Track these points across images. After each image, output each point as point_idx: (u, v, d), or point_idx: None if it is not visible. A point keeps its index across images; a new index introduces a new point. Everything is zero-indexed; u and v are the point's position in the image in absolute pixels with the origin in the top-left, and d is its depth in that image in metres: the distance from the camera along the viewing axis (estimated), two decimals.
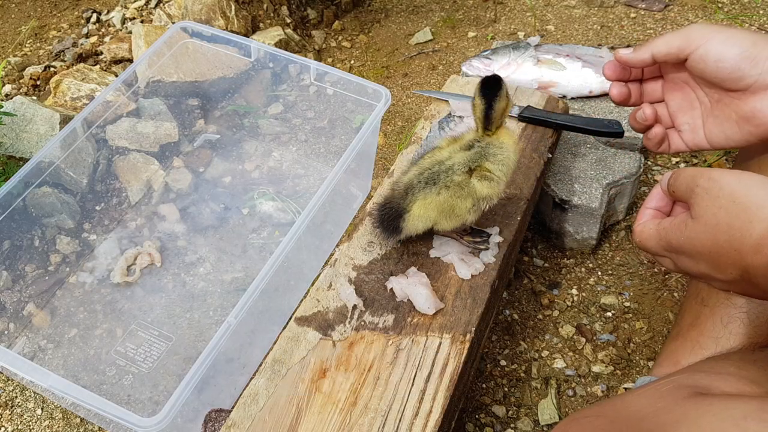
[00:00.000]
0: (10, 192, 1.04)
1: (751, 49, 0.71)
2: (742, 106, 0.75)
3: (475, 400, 1.06)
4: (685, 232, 0.63)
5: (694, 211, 0.62)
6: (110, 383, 1.05)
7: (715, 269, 0.61)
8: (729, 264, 0.59)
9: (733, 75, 0.73)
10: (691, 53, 0.75)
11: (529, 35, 1.74)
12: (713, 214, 0.60)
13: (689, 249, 0.62)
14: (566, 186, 1.21)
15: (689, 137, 0.83)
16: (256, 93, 1.45)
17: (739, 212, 0.58)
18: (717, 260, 0.60)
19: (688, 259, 0.63)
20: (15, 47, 1.80)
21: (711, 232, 0.60)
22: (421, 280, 0.90)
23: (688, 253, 0.63)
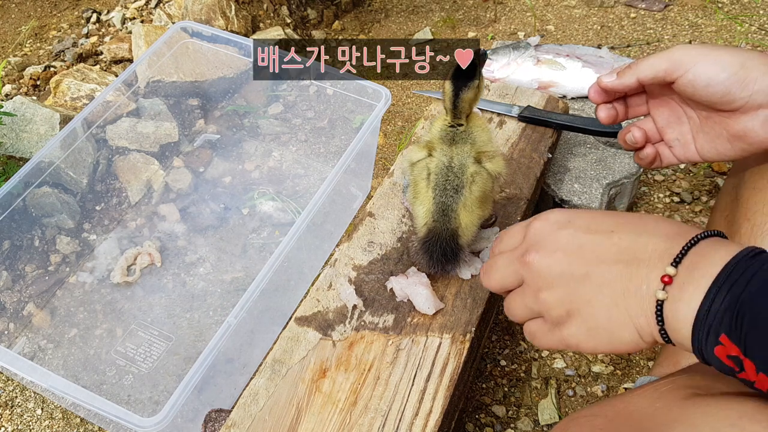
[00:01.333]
0: (10, 192, 1.04)
1: (740, 71, 0.69)
2: (733, 125, 0.73)
3: (475, 400, 1.06)
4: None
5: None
6: (110, 383, 1.05)
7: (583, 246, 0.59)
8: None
9: (724, 98, 0.71)
10: (679, 77, 0.73)
11: (529, 35, 1.74)
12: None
13: (549, 242, 0.61)
14: (566, 186, 1.21)
15: (680, 152, 0.82)
16: (256, 93, 1.45)
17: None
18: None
19: (546, 250, 0.61)
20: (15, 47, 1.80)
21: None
22: (421, 280, 0.90)
23: (546, 245, 0.61)
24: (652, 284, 0.54)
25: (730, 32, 1.67)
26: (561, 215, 0.62)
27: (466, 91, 0.85)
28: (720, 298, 0.49)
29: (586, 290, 0.58)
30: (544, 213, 0.63)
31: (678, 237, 0.55)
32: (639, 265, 0.55)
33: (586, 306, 0.58)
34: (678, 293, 0.52)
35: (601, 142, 1.29)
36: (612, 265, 0.56)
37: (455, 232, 0.86)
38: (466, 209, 0.86)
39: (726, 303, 0.49)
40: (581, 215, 0.61)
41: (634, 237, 0.56)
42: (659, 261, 0.54)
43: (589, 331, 0.58)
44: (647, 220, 0.58)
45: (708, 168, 1.39)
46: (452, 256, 0.87)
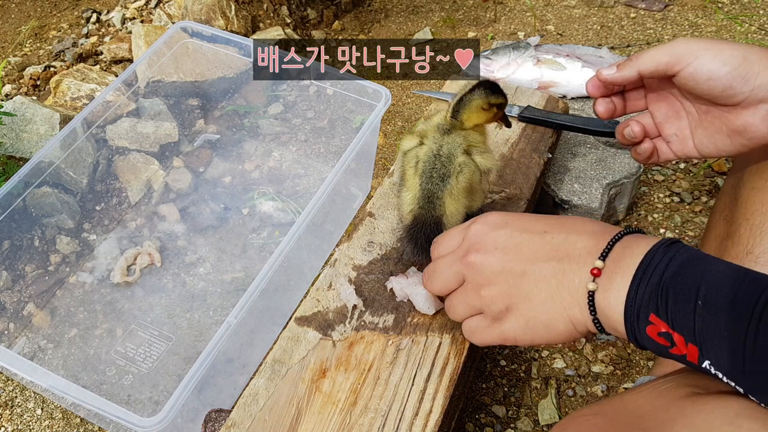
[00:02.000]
0: (10, 192, 1.04)
1: (742, 66, 0.69)
2: (733, 120, 0.73)
3: (475, 400, 1.06)
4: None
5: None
6: (110, 383, 1.05)
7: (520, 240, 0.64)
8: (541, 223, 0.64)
9: (725, 93, 0.71)
10: (680, 71, 0.73)
11: (529, 35, 1.74)
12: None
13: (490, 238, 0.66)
14: (566, 186, 1.21)
15: (678, 147, 0.81)
16: (256, 93, 1.45)
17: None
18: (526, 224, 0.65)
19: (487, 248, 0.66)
20: (15, 47, 1.80)
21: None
22: (421, 280, 0.90)
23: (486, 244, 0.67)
24: (583, 277, 0.59)
25: (730, 32, 1.67)
26: (498, 217, 0.67)
27: (473, 98, 0.86)
28: (645, 282, 0.54)
29: (524, 286, 0.63)
30: (482, 216, 0.68)
31: (604, 234, 0.60)
32: (570, 261, 0.60)
33: (524, 300, 0.63)
34: (607, 283, 0.58)
35: (601, 142, 1.29)
36: (547, 261, 0.62)
37: (440, 219, 0.86)
38: (452, 197, 0.86)
39: (651, 286, 0.54)
40: (517, 217, 0.66)
41: (565, 236, 0.62)
42: (588, 256, 0.59)
43: (527, 323, 0.63)
44: (575, 221, 0.63)
45: (708, 168, 1.39)
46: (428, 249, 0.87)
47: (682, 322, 0.52)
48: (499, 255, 0.64)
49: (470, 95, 0.87)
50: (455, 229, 0.72)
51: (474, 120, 0.88)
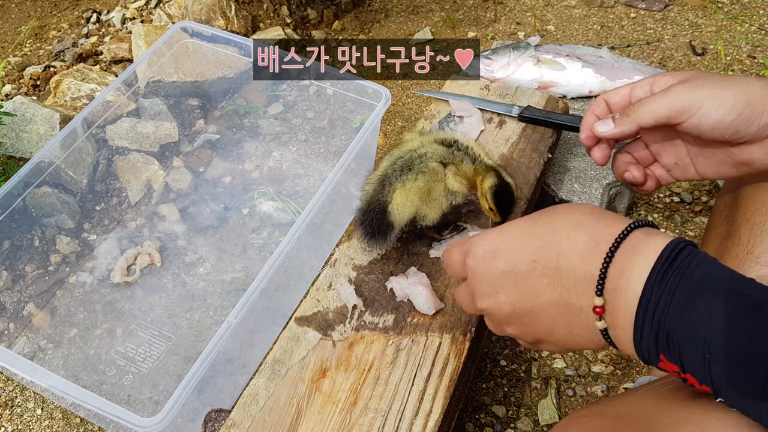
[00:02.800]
0: (10, 192, 1.04)
1: (747, 110, 0.67)
2: (738, 153, 0.71)
3: (475, 400, 1.06)
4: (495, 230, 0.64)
5: None
6: (110, 383, 1.05)
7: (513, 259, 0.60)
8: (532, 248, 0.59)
9: (731, 137, 0.69)
10: (683, 122, 0.70)
11: (529, 35, 1.74)
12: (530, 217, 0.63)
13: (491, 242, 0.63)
14: (566, 186, 1.21)
15: (679, 174, 0.79)
16: (256, 93, 1.45)
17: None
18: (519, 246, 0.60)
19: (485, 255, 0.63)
20: (15, 47, 1.80)
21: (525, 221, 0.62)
22: (421, 280, 0.90)
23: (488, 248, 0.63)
24: (589, 316, 0.56)
25: (730, 32, 1.67)
26: (485, 247, 0.63)
27: (484, 181, 0.89)
28: (648, 324, 0.51)
29: (540, 324, 0.61)
30: (472, 247, 0.64)
31: (591, 255, 0.55)
32: (570, 297, 0.57)
33: (549, 335, 0.62)
34: (612, 320, 0.55)
35: None
36: (548, 298, 0.59)
37: (386, 206, 0.87)
38: (403, 189, 0.87)
39: (654, 328, 0.51)
40: (503, 240, 0.62)
41: (555, 263, 0.58)
42: (584, 288, 0.56)
43: (562, 348, 0.63)
44: (560, 238, 0.58)
45: None
46: (379, 231, 0.88)
47: (692, 368, 0.50)
48: (502, 298, 0.62)
49: (485, 178, 0.88)
50: (454, 248, 0.69)
51: (471, 187, 0.91)
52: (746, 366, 0.47)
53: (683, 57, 1.61)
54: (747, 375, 0.47)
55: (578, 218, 0.58)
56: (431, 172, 0.88)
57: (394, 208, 0.88)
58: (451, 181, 0.89)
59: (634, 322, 0.52)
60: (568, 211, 0.60)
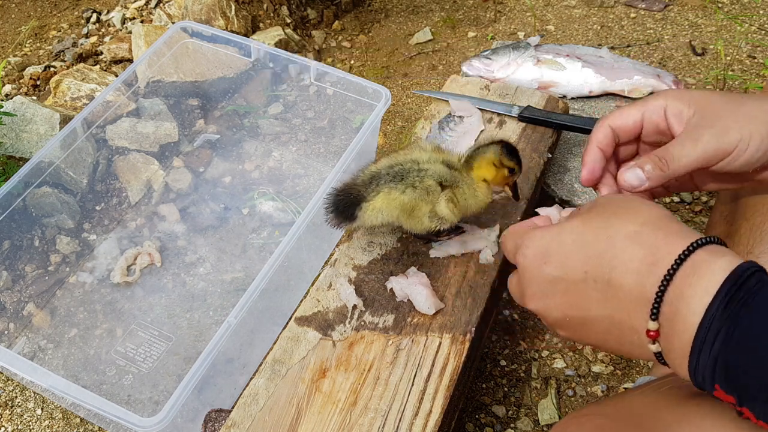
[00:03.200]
0: (10, 192, 1.04)
1: (763, 143, 0.65)
2: (750, 174, 0.69)
3: (475, 400, 1.06)
4: (551, 228, 0.60)
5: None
6: (110, 383, 1.05)
7: (564, 265, 0.57)
8: (584, 257, 0.56)
9: (751, 169, 0.67)
10: (711, 167, 0.67)
11: (529, 35, 1.74)
12: (593, 213, 0.58)
13: (545, 243, 0.59)
14: (566, 186, 1.21)
15: (676, 187, 0.77)
16: (256, 93, 1.45)
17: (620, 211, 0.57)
18: (569, 254, 0.57)
19: (536, 257, 0.60)
20: (15, 47, 1.80)
21: (580, 226, 0.58)
22: (421, 280, 0.90)
23: (540, 249, 0.60)
24: (642, 338, 0.53)
25: (730, 32, 1.67)
26: (537, 248, 0.60)
27: (488, 151, 0.87)
28: (705, 353, 0.48)
29: (591, 335, 0.59)
30: (525, 243, 0.62)
31: (647, 274, 0.52)
32: (622, 316, 0.54)
33: (601, 344, 0.59)
34: (667, 345, 0.52)
35: None
36: (599, 312, 0.56)
37: (360, 201, 0.86)
38: (386, 197, 0.86)
39: (711, 359, 0.48)
40: (556, 243, 0.59)
41: (606, 279, 0.55)
42: (637, 308, 0.53)
43: (614, 354, 0.60)
44: (615, 251, 0.54)
45: None
46: (340, 215, 0.87)
47: (750, 403, 0.47)
48: (552, 303, 0.60)
49: (486, 148, 0.88)
50: (509, 237, 0.66)
51: (483, 173, 0.88)
52: None
53: (683, 57, 1.61)
54: None
55: (637, 229, 0.54)
56: (423, 190, 0.86)
57: (368, 207, 0.86)
58: (442, 207, 0.87)
59: (691, 349, 0.49)
60: (628, 217, 0.56)
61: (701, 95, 0.68)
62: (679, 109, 0.68)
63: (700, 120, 0.66)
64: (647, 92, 1.34)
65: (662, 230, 0.54)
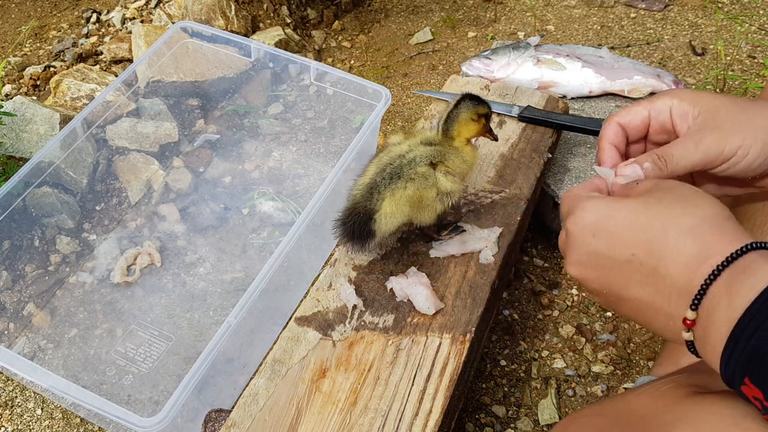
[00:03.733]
0: (10, 192, 1.04)
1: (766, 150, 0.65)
2: (751, 181, 0.69)
3: (475, 400, 1.06)
4: (607, 200, 0.60)
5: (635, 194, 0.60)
6: (110, 383, 1.05)
7: (611, 244, 0.57)
8: (634, 240, 0.56)
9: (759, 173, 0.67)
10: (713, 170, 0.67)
11: (529, 35, 1.74)
12: (653, 195, 0.58)
13: (598, 215, 0.59)
14: (566, 186, 1.21)
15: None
16: (256, 93, 1.45)
17: (681, 199, 0.56)
18: (621, 233, 0.57)
19: (586, 227, 0.60)
20: (15, 47, 1.80)
21: (637, 205, 0.57)
22: (421, 280, 0.90)
23: (591, 219, 0.59)
24: (677, 323, 0.54)
25: (730, 32, 1.67)
26: (589, 219, 0.60)
27: (460, 111, 0.88)
28: (741, 345, 0.49)
29: (625, 308, 0.60)
30: (577, 211, 0.61)
31: (696, 268, 0.53)
32: (661, 302, 0.55)
33: (632, 317, 0.60)
34: (702, 334, 0.52)
35: None
36: (638, 294, 0.57)
37: (371, 214, 0.86)
38: (392, 198, 0.86)
39: (746, 352, 0.48)
40: (609, 219, 0.59)
41: (653, 266, 0.55)
42: (679, 298, 0.54)
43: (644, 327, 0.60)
44: (668, 241, 0.55)
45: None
46: (359, 236, 0.87)
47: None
48: (592, 275, 0.60)
49: (457, 109, 0.88)
50: (565, 199, 0.65)
51: (464, 133, 0.89)
52: None
53: (683, 57, 1.61)
54: None
55: (694, 223, 0.55)
56: (421, 178, 0.86)
57: (381, 217, 0.86)
58: (443, 183, 0.88)
59: (726, 341, 0.50)
60: (689, 209, 0.56)
61: (708, 97, 0.68)
62: (684, 109, 0.69)
63: (703, 122, 0.67)
64: (647, 92, 1.34)
65: (718, 229, 0.54)
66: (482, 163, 1.10)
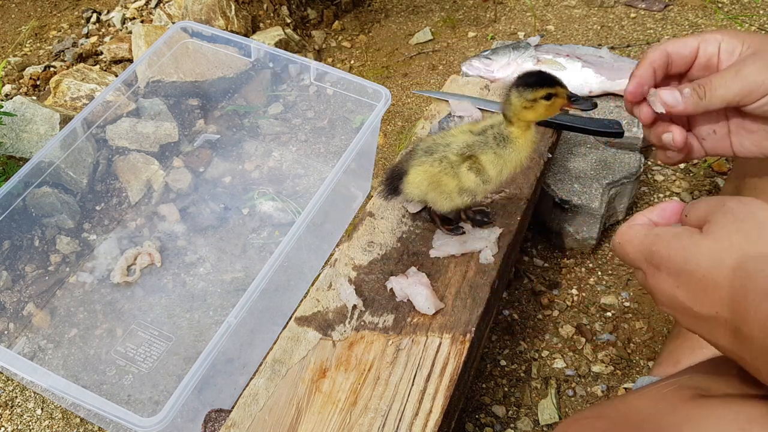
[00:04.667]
0: (10, 192, 1.04)
1: None
2: None
3: (475, 400, 1.06)
4: (684, 243, 0.55)
5: (708, 227, 0.54)
6: (110, 383, 1.05)
7: (695, 298, 0.54)
8: (717, 298, 0.52)
9: None
10: (750, 105, 0.65)
11: (529, 35, 1.74)
12: (729, 233, 0.52)
13: (677, 264, 0.55)
14: (566, 186, 1.21)
15: (711, 146, 0.73)
16: (256, 93, 1.45)
17: (761, 242, 0.50)
18: (704, 288, 0.53)
19: (669, 277, 0.56)
20: (15, 47, 1.80)
21: (717, 252, 0.52)
22: (421, 280, 0.90)
23: (672, 270, 0.55)
24: (765, 378, 0.52)
25: None
26: (671, 269, 0.56)
27: (519, 94, 0.81)
28: None
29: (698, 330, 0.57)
30: (656, 259, 0.57)
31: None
32: (748, 356, 0.53)
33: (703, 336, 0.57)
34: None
35: (601, 142, 1.29)
36: (725, 343, 0.54)
37: (402, 174, 0.91)
38: (419, 169, 0.89)
39: None
40: (690, 267, 0.54)
41: (737, 326, 0.52)
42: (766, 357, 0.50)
43: None
44: (748, 305, 0.51)
45: (708, 168, 1.39)
46: (390, 188, 0.93)
47: None
48: (679, 318, 0.57)
49: (508, 95, 0.82)
50: (630, 248, 0.61)
51: (526, 117, 0.82)
52: None
53: None
54: None
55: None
56: (447, 163, 0.87)
57: (407, 181, 0.91)
58: (466, 178, 0.86)
59: None
60: (762, 257, 0.51)
61: (757, 36, 0.68)
62: (733, 45, 0.67)
63: (748, 56, 0.66)
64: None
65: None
66: None
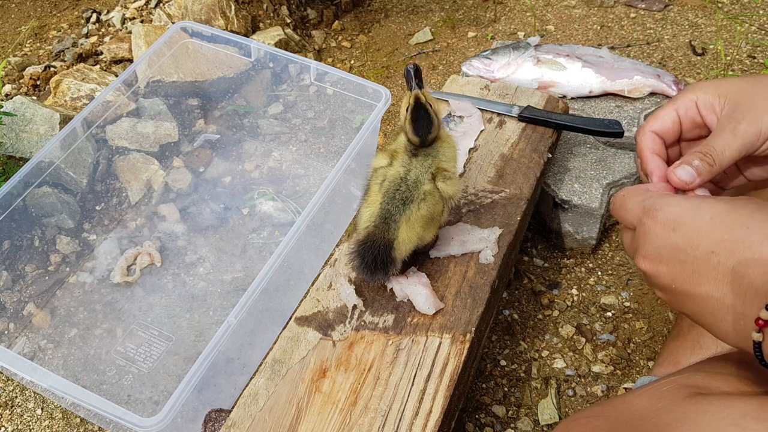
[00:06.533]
0: (10, 192, 1.04)
1: None
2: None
3: (475, 400, 1.06)
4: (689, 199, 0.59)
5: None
6: (110, 383, 1.05)
7: (692, 242, 0.57)
8: (717, 238, 0.56)
9: None
10: (755, 153, 0.67)
11: (529, 35, 1.74)
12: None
13: (678, 211, 0.59)
14: (566, 186, 1.21)
15: (725, 182, 0.75)
16: (256, 93, 1.45)
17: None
18: (698, 231, 0.57)
19: (666, 221, 0.59)
20: (15, 47, 1.80)
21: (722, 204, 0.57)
22: (421, 280, 0.90)
23: (671, 215, 0.59)
24: (748, 323, 0.54)
25: (730, 32, 1.67)
26: (670, 215, 0.60)
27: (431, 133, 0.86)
28: None
29: (692, 306, 0.59)
30: (659, 205, 0.61)
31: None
32: (734, 300, 0.55)
33: (695, 317, 0.60)
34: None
35: (601, 142, 1.29)
36: (710, 291, 0.56)
37: (391, 243, 0.85)
38: (408, 224, 0.85)
39: None
40: (692, 216, 0.59)
41: (731, 267, 0.55)
42: (755, 297, 0.53)
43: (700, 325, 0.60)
44: (752, 241, 0.54)
45: None
46: (382, 266, 0.86)
47: None
48: (663, 269, 0.60)
49: (428, 137, 0.86)
50: (633, 197, 0.65)
51: (436, 132, 0.87)
52: None
53: (683, 57, 1.61)
54: None
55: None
56: (429, 196, 0.86)
57: (399, 244, 0.86)
58: (445, 189, 0.87)
59: None
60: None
61: (728, 84, 0.69)
62: (710, 101, 0.69)
63: (732, 110, 0.67)
64: (647, 92, 1.34)
65: None
66: (482, 162, 1.10)
